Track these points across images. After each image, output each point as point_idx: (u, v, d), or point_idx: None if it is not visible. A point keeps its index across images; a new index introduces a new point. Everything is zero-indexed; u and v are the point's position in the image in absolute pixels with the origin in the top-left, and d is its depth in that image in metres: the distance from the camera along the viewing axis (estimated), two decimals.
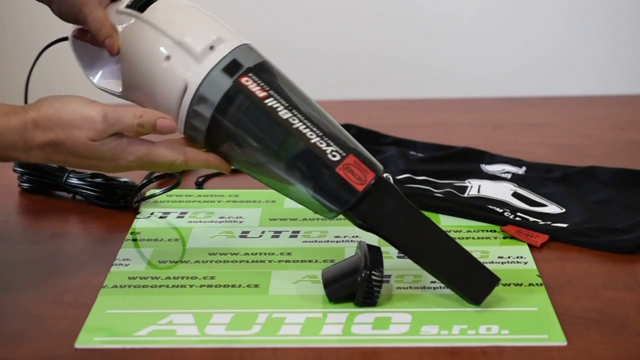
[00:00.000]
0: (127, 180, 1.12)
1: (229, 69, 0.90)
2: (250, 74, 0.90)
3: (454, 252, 0.91)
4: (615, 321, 0.88)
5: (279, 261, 0.99)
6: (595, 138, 1.36)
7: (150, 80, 0.91)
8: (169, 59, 0.90)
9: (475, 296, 0.89)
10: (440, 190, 1.13)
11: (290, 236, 1.04)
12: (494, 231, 1.05)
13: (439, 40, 2.20)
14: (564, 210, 1.10)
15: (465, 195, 1.13)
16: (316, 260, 0.99)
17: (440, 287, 0.92)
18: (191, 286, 0.94)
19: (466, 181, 1.17)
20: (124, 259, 0.99)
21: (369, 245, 0.90)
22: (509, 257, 0.99)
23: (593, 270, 0.97)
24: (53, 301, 0.92)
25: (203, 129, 0.91)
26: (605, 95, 1.62)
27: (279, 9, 2.18)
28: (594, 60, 2.21)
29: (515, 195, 1.13)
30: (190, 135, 0.92)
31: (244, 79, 0.90)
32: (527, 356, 0.83)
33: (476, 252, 0.95)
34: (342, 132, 0.91)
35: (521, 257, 0.99)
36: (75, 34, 0.97)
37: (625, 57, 2.21)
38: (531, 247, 1.01)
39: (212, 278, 0.95)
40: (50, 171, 1.14)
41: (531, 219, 1.07)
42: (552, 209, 1.10)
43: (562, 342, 0.84)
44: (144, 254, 1.01)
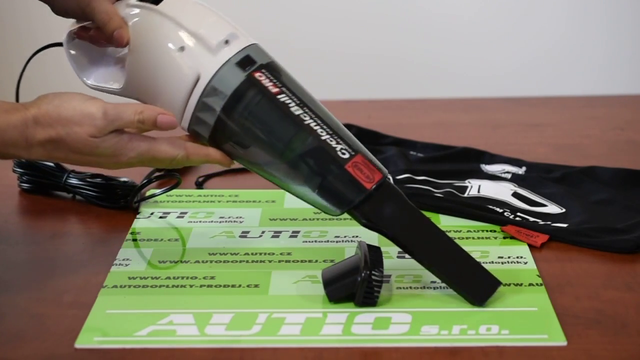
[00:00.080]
0: (127, 180, 1.12)
1: (242, 64, 0.90)
2: (263, 70, 0.91)
3: (457, 254, 0.91)
4: (615, 321, 0.88)
5: (279, 261, 0.99)
6: (595, 138, 1.36)
7: (161, 72, 0.91)
8: (183, 50, 0.90)
9: (477, 297, 0.89)
10: (440, 190, 1.13)
11: (290, 236, 1.04)
12: (494, 231, 1.05)
13: (439, 40, 2.20)
14: (564, 210, 1.09)
15: (465, 195, 1.13)
16: (316, 260, 0.99)
17: (440, 287, 0.92)
18: (191, 286, 0.94)
19: (466, 181, 1.17)
20: (124, 259, 0.99)
21: (369, 245, 0.90)
22: (509, 257, 0.99)
23: (593, 270, 0.97)
24: (53, 301, 0.92)
25: (211, 122, 0.90)
26: (605, 95, 1.62)
27: (278, 8, 2.18)
28: (594, 60, 2.21)
29: (515, 195, 1.13)
30: (195, 131, 0.92)
31: (257, 74, 0.90)
32: (527, 356, 0.83)
33: (476, 252, 0.95)
34: (348, 134, 0.92)
35: (521, 257, 0.99)
36: (75, 31, 0.97)
37: (625, 57, 2.21)
38: (531, 247, 1.01)
39: (212, 278, 0.95)
40: (50, 171, 1.14)
41: (531, 219, 1.07)
42: (552, 209, 1.10)
43: (562, 342, 0.84)
44: (144, 254, 1.01)
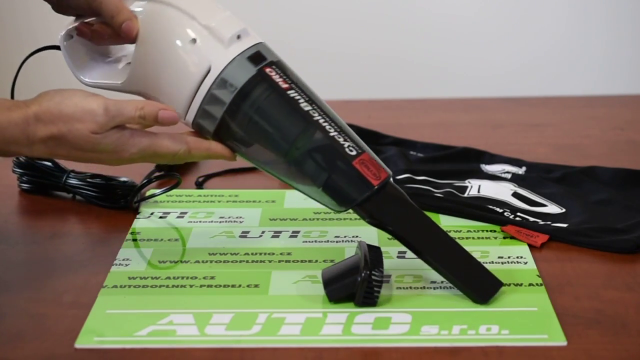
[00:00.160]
0: (127, 180, 1.12)
1: (253, 59, 0.91)
2: (273, 66, 0.91)
3: (460, 253, 0.92)
4: (615, 321, 0.88)
5: (279, 261, 0.99)
6: (595, 138, 1.36)
7: (170, 63, 0.91)
8: (195, 42, 0.90)
9: (481, 295, 0.89)
10: (440, 190, 1.13)
11: (290, 236, 1.04)
12: (494, 231, 1.05)
13: (439, 40, 2.20)
14: (564, 210, 1.09)
15: (465, 195, 1.13)
16: (316, 260, 0.98)
17: (440, 287, 0.92)
18: (191, 286, 0.94)
19: (466, 181, 1.17)
20: (124, 259, 0.99)
21: (369, 245, 0.90)
22: (509, 257, 0.99)
23: (593, 270, 0.97)
24: (53, 301, 0.92)
25: (218, 115, 0.90)
26: (605, 95, 1.62)
27: (278, 8, 2.18)
28: (594, 60, 2.21)
29: (515, 195, 1.13)
30: (200, 125, 0.91)
31: (268, 69, 0.91)
32: (527, 356, 0.83)
33: (476, 252, 0.95)
34: (353, 133, 0.92)
35: (521, 257, 0.99)
36: (77, 26, 0.96)
37: (625, 57, 2.21)
38: (531, 247, 1.01)
39: (212, 278, 0.95)
40: (49, 172, 1.13)
41: (531, 219, 1.07)
42: (552, 209, 1.10)
43: (562, 342, 0.84)
44: (144, 254, 1.01)
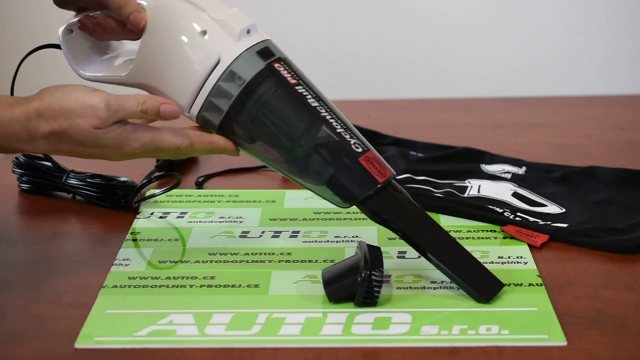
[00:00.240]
0: (127, 180, 1.12)
1: (262, 53, 0.91)
2: (281, 62, 0.91)
3: (462, 253, 0.92)
4: (615, 321, 0.88)
5: (279, 261, 0.99)
6: (595, 138, 1.36)
7: (179, 55, 0.91)
8: (205, 34, 0.90)
9: (484, 294, 0.90)
10: (440, 190, 1.13)
11: (290, 236, 1.04)
12: (494, 231, 1.05)
13: (439, 40, 2.20)
14: (564, 210, 1.09)
15: (465, 195, 1.13)
16: (316, 260, 0.98)
17: (440, 287, 0.92)
18: (191, 286, 0.94)
19: (466, 181, 1.17)
20: (124, 259, 0.99)
21: (369, 245, 0.90)
22: (509, 257, 0.99)
23: (593, 270, 0.97)
24: (53, 301, 0.92)
25: (224, 108, 0.90)
26: (605, 95, 1.62)
27: (278, 8, 2.18)
28: (594, 60, 2.21)
29: (515, 195, 1.13)
30: (205, 118, 0.91)
31: (276, 64, 0.91)
32: (527, 356, 0.83)
33: (476, 252, 0.95)
34: (358, 132, 0.93)
35: (521, 257, 0.99)
36: (79, 19, 0.96)
37: (625, 57, 2.21)
38: (531, 247, 1.01)
39: (212, 278, 0.95)
40: (49, 172, 1.13)
41: (531, 219, 1.07)
42: (552, 209, 1.10)
43: (562, 342, 0.84)
44: (144, 254, 1.01)
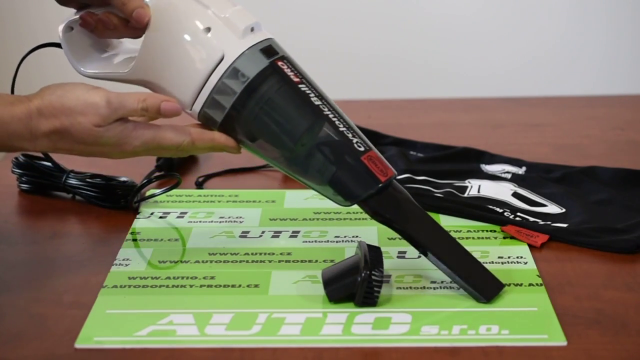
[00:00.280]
0: (127, 180, 1.12)
1: (266, 51, 0.91)
2: (285, 60, 0.92)
3: (463, 253, 0.92)
4: (615, 321, 0.88)
5: (279, 261, 0.99)
6: (595, 138, 1.36)
7: (182, 51, 0.91)
8: (209, 30, 0.91)
9: (485, 294, 0.90)
10: (440, 190, 1.13)
11: (290, 236, 1.04)
12: (494, 231, 1.05)
13: (439, 40, 2.20)
14: (564, 210, 1.09)
15: (465, 195, 1.13)
16: (316, 260, 0.98)
17: (440, 287, 0.92)
18: (191, 286, 0.94)
19: (466, 181, 1.17)
20: (124, 259, 0.99)
21: (369, 245, 0.90)
22: (509, 257, 0.99)
23: (593, 270, 0.97)
24: (53, 301, 0.92)
25: (227, 105, 0.90)
26: (605, 95, 1.62)
27: (278, 8, 2.18)
28: (594, 60, 2.21)
29: (515, 195, 1.13)
30: (207, 115, 0.91)
31: (280, 62, 0.91)
32: (527, 356, 0.83)
33: (476, 252, 0.95)
34: (360, 132, 0.92)
35: (521, 257, 0.99)
36: (81, 15, 0.96)
37: (625, 57, 2.21)
38: (531, 247, 1.01)
39: (212, 278, 0.95)
40: (49, 172, 1.13)
41: (531, 219, 1.07)
42: (552, 209, 1.10)
43: (562, 342, 0.84)
44: (144, 254, 1.01)
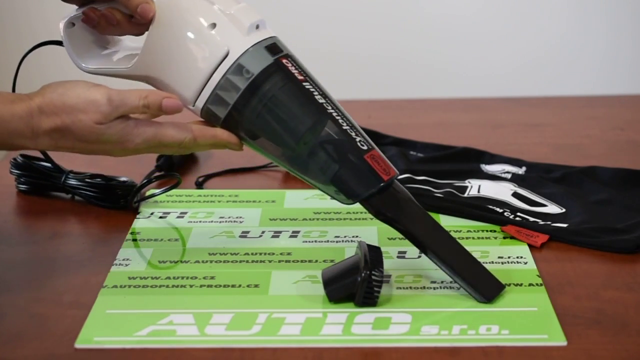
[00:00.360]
0: (127, 180, 1.12)
1: (270, 49, 0.91)
2: (289, 58, 0.92)
3: (464, 253, 0.92)
4: (615, 321, 0.88)
5: (279, 261, 0.99)
6: (595, 138, 1.36)
7: (187, 47, 0.91)
8: (215, 26, 0.91)
9: (486, 294, 0.90)
10: (440, 190, 1.13)
11: (290, 236, 1.04)
12: (494, 231, 1.05)
13: (439, 40, 2.20)
14: (564, 210, 1.09)
15: (465, 195, 1.13)
16: (316, 260, 0.98)
17: (440, 287, 0.92)
18: (191, 286, 0.94)
19: (466, 181, 1.17)
20: (124, 259, 0.99)
21: (369, 245, 0.90)
22: (509, 257, 0.99)
23: (593, 270, 0.97)
24: (53, 301, 0.92)
25: (231, 101, 0.90)
26: (605, 95, 1.62)
27: (278, 8, 2.18)
28: (594, 60, 2.21)
29: (515, 195, 1.13)
30: (210, 111, 0.91)
31: (284, 60, 0.91)
32: (527, 356, 0.83)
33: (476, 252, 0.95)
34: (362, 131, 0.93)
35: (521, 257, 0.99)
36: (85, 11, 0.95)
37: (625, 57, 2.21)
38: (531, 247, 1.01)
39: (212, 278, 0.95)
40: (48, 172, 1.13)
41: (531, 219, 1.07)
42: (552, 209, 1.10)
43: (562, 342, 0.84)
44: (144, 254, 1.01)
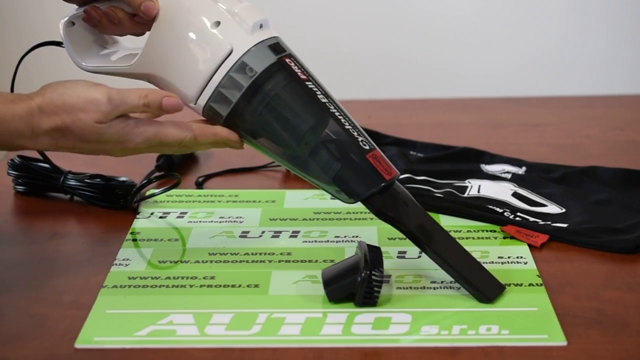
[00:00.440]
0: (127, 180, 1.12)
1: (274, 48, 0.92)
2: (292, 58, 0.92)
3: (465, 254, 0.92)
4: (615, 321, 0.88)
5: (279, 261, 0.99)
6: (595, 138, 1.36)
7: (190, 44, 0.91)
8: (219, 24, 0.91)
9: (487, 294, 0.90)
10: (440, 190, 1.13)
11: (290, 236, 1.04)
12: (494, 231, 1.05)
13: (439, 40, 2.20)
14: (564, 210, 1.09)
15: (465, 195, 1.13)
16: (316, 260, 0.98)
17: (440, 287, 0.92)
18: (191, 286, 0.94)
19: (466, 181, 1.17)
20: (124, 259, 0.99)
21: (369, 245, 0.90)
22: (509, 257, 0.99)
23: (593, 270, 0.97)
24: (53, 301, 0.92)
25: (233, 99, 0.90)
26: (605, 95, 1.62)
27: (278, 8, 2.18)
28: (594, 60, 2.21)
29: (515, 195, 1.13)
30: (212, 109, 0.91)
31: (287, 59, 0.92)
32: (527, 356, 0.83)
33: (476, 252, 0.95)
34: (364, 132, 0.93)
35: (521, 257, 0.99)
36: (87, 9, 0.95)
37: (625, 57, 2.21)
38: (531, 247, 1.01)
39: (212, 278, 0.95)
40: (46, 173, 1.13)
41: (531, 219, 1.07)
42: (552, 209, 1.10)
43: (562, 342, 0.84)
44: (144, 254, 1.01)
